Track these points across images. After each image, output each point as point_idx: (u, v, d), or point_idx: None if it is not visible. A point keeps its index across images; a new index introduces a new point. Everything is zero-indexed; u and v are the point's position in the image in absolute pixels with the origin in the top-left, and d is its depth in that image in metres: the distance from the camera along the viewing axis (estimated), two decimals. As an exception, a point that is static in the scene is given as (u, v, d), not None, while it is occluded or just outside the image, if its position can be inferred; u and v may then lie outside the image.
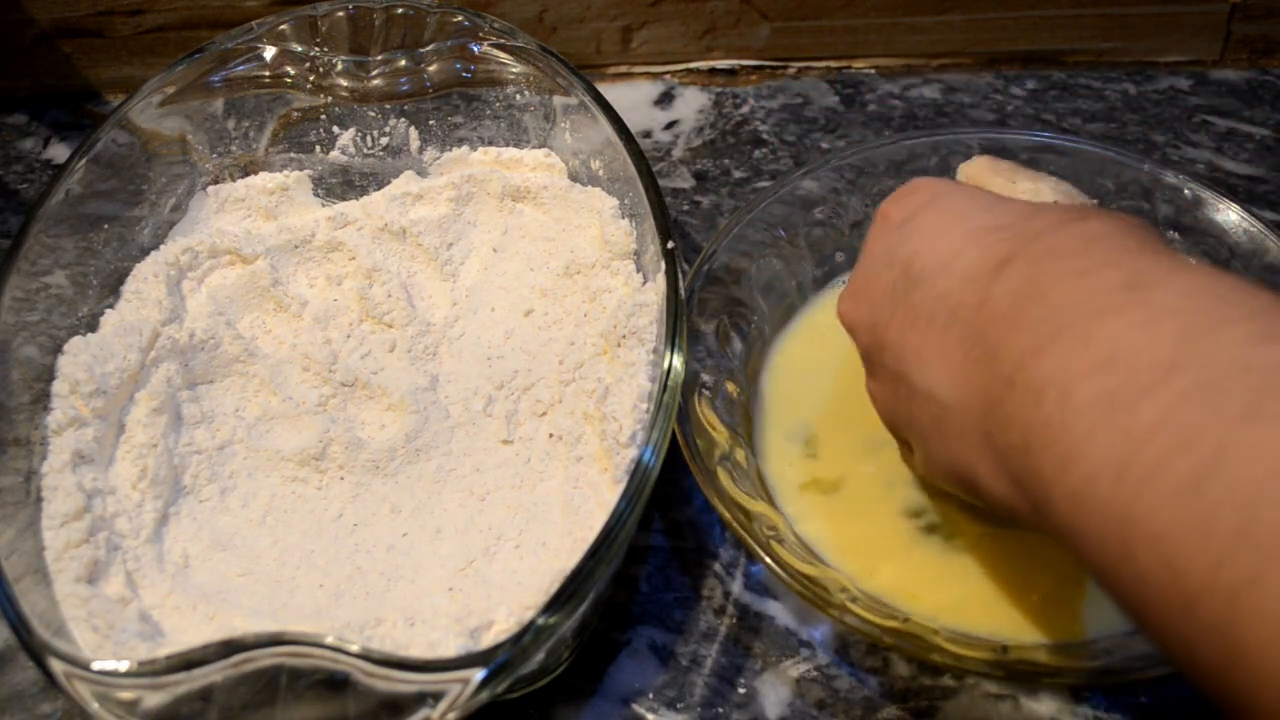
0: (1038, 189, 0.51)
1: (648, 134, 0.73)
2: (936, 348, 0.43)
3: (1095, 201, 0.54)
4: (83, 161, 0.59)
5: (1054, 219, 0.43)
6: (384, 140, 0.66)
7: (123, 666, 0.43)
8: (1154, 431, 0.34)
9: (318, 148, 0.66)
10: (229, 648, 0.43)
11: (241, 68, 0.63)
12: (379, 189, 0.65)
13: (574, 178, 0.63)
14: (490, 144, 0.65)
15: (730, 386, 0.57)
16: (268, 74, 0.64)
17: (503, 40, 0.63)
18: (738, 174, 0.70)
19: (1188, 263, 0.39)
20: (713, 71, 0.76)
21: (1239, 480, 0.31)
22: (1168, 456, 0.33)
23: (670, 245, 0.54)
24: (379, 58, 0.64)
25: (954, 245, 0.44)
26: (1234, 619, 0.31)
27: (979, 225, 0.44)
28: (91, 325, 0.57)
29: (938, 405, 0.43)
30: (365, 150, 0.66)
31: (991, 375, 0.40)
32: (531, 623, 0.44)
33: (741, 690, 0.51)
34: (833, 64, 0.76)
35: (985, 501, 0.43)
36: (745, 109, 0.74)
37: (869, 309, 0.48)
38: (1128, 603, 0.35)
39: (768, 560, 0.49)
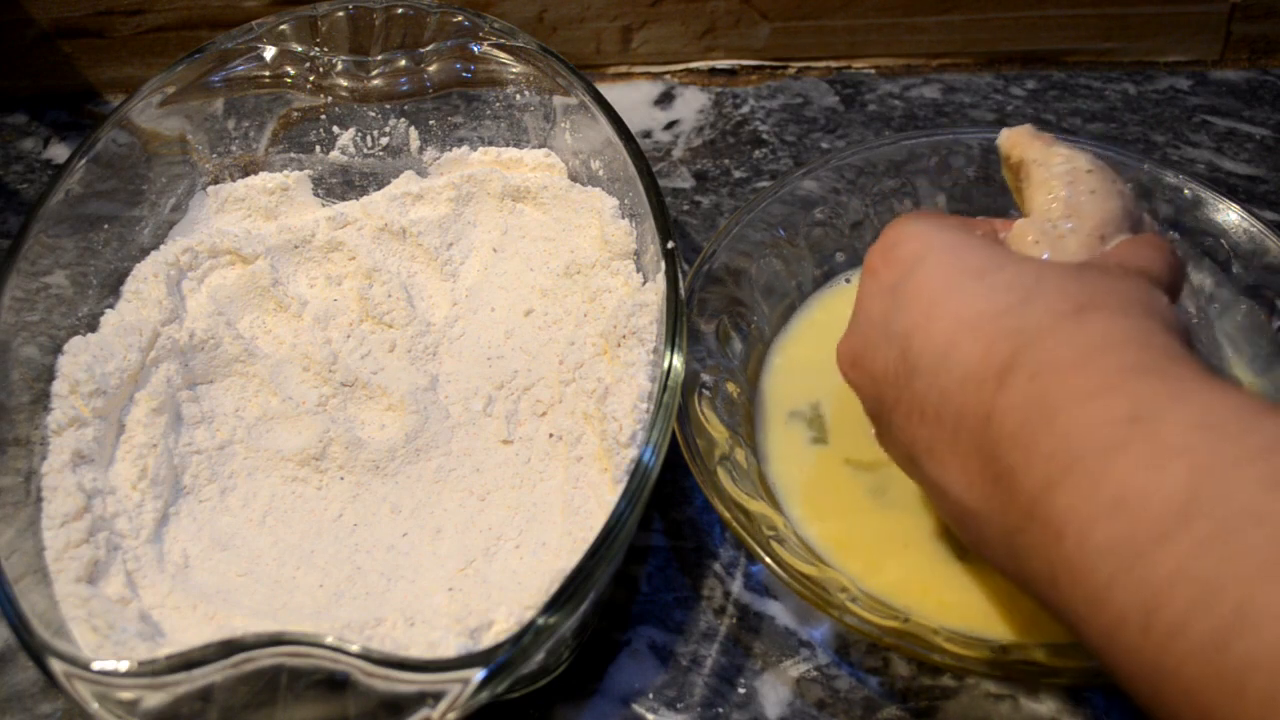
0: (1073, 158, 0.51)
1: (648, 134, 0.73)
2: (949, 451, 0.43)
3: (1130, 185, 0.53)
4: (83, 161, 0.59)
5: (1051, 310, 0.41)
6: (384, 140, 0.66)
7: (123, 666, 0.43)
8: (1173, 584, 0.34)
9: (318, 148, 0.66)
10: (229, 648, 0.43)
11: (241, 68, 0.63)
12: (379, 189, 0.65)
13: (574, 178, 0.63)
14: (490, 144, 0.65)
15: (730, 386, 0.57)
16: (268, 74, 0.64)
17: (503, 40, 0.63)
18: (738, 174, 0.70)
19: (1193, 376, 0.38)
20: (713, 71, 0.76)
21: (1263, 643, 0.31)
22: (1190, 612, 0.33)
23: (670, 245, 0.54)
24: (379, 58, 0.64)
25: (949, 333, 0.43)
26: None
27: (974, 309, 0.42)
28: (91, 325, 0.57)
29: (960, 507, 0.43)
30: (365, 150, 0.66)
31: (1010, 501, 0.40)
32: (531, 623, 0.44)
33: (741, 690, 0.51)
34: (833, 64, 0.76)
35: None
36: (745, 109, 0.74)
37: (870, 383, 0.47)
38: None
39: (768, 560, 0.49)
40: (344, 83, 0.65)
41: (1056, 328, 0.40)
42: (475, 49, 0.63)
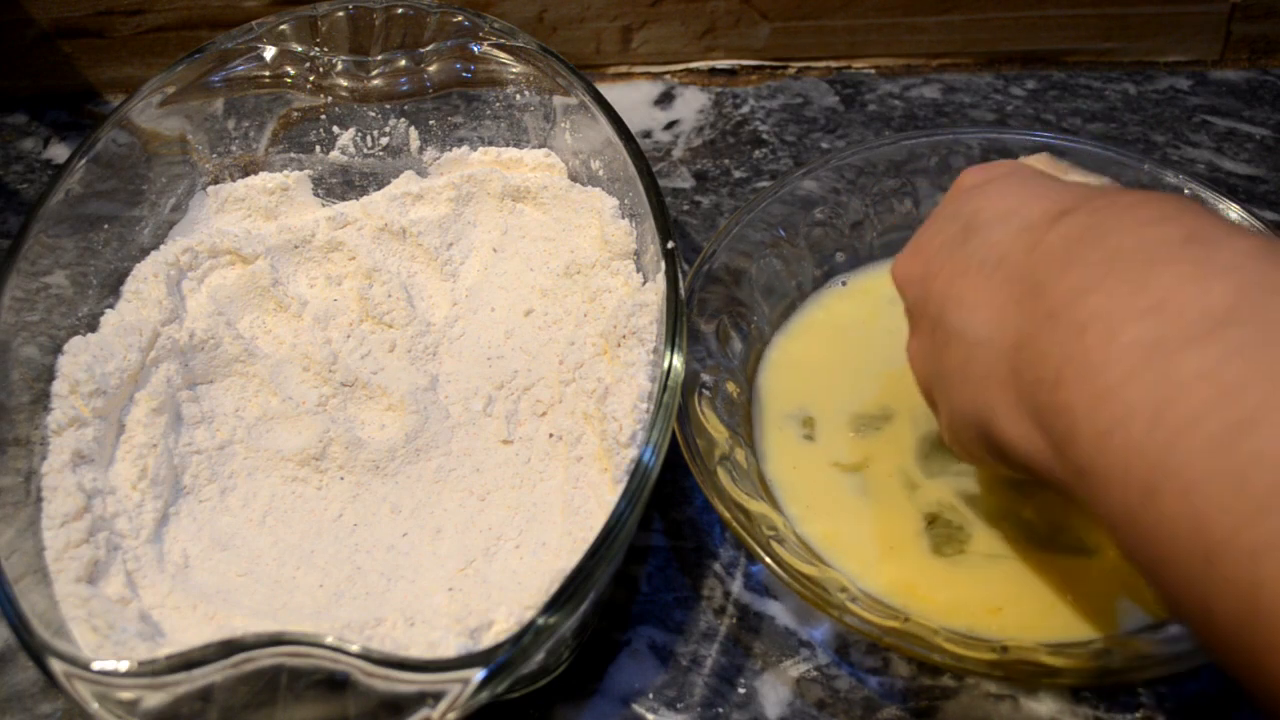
0: (1087, 184, 0.51)
1: (648, 134, 0.73)
2: (981, 290, 0.43)
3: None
4: (83, 161, 0.59)
5: (1118, 194, 0.42)
6: (384, 140, 0.66)
7: (123, 666, 0.43)
8: (1197, 381, 0.33)
9: (318, 148, 0.66)
10: (229, 648, 0.43)
11: (241, 68, 0.63)
12: (379, 189, 0.65)
13: (574, 178, 0.63)
14: (490, 144, 0.65)
15: (730, 386, 0.57)
16: (268, 74, 0.64)
17: (503, 40, 0.63)
18: (738, 174, 0.70)
19: (1250, 230, 0.39)
20: (713, 71, 0.76)
21: (1274, 440, 0.31)
22: (1207, 408, 0.33)
23: (670, 245, 0.54)
24: (379, 58, 0.64)
25: (1018, 202, 0.44)
26: (1256, 577, 0.31)
27: (1049, 188, 0.44)
28: (91, 325, 0.57)
29: (967, 344, 0.43)
30: (365, 150, 0.66)
31: (1031, 310, 0.40)
32: (531, 623, 0.44)
33: (741, 690, 0.51)
34: (833, 64, 0.76)
35: (1001, 448, 0.43)
36: (745, 109, 0.74)
37: (922, 262, 0.48)
38: (1143, 550, 0.35)
39: (768, 560, 0.49)
40: (344, 83, 0.65)
41: (1127, 192, 0.42)
42: (475, 49, 0.63)
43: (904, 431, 0.56)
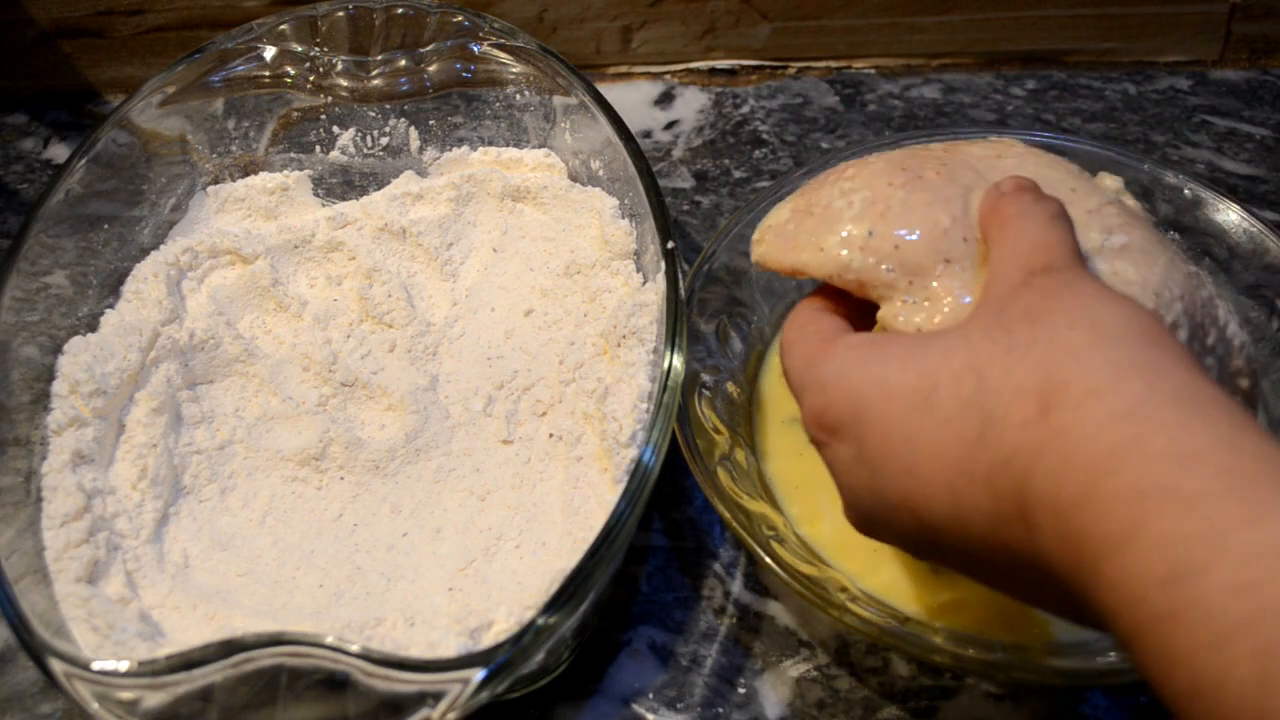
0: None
1: (648, 134, 0.73)
2: (1014, 587, 0.40)
3: (1153, 219, 0.51)
4: (83, 161, 0.59)
5: (1017, 423, 0.36)
6: (384, 140, 0.66)
7: (123, 666, 0.43)
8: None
9: (318, 148, 0.66)
10: (229, 648, 0.43)
11: (241, 68, 0.63)
12: (379, 189, 0.65)
13: (574, 178, 0.63)
14: (490, 144, 0.65)
15: (730, 386, 0.57)
16: (268, 74, 0.64)
17: (503, 40, 0.63)
18: (738, 174, 0.70)
19: (1207, 424, 0.34)
20: (713, 71, 0.76)
21: None
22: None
23: (670, 245, 0.54)
24: (379, 58, 0.64)
25: (946, 490, 0.38)
26: None
27: (948, 454, 0.38)
28: (91, 325, 0.57)
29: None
30: (365, 150, 0.66)
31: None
32: (531, 623, 0.44)
33: (741, 690, 0.51)
34: (833, 64, 0.76)
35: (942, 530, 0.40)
36: (745, 109, 0.74)
37: (901, 542, 0.43)
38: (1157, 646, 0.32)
39: (768, 560, 0.49)
40: (344, 83, 0.65)
41: (1039, 446, 0.36)
42: (475, 49, 0.63)
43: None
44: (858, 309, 0.47)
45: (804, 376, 0.44)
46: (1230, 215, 0.58)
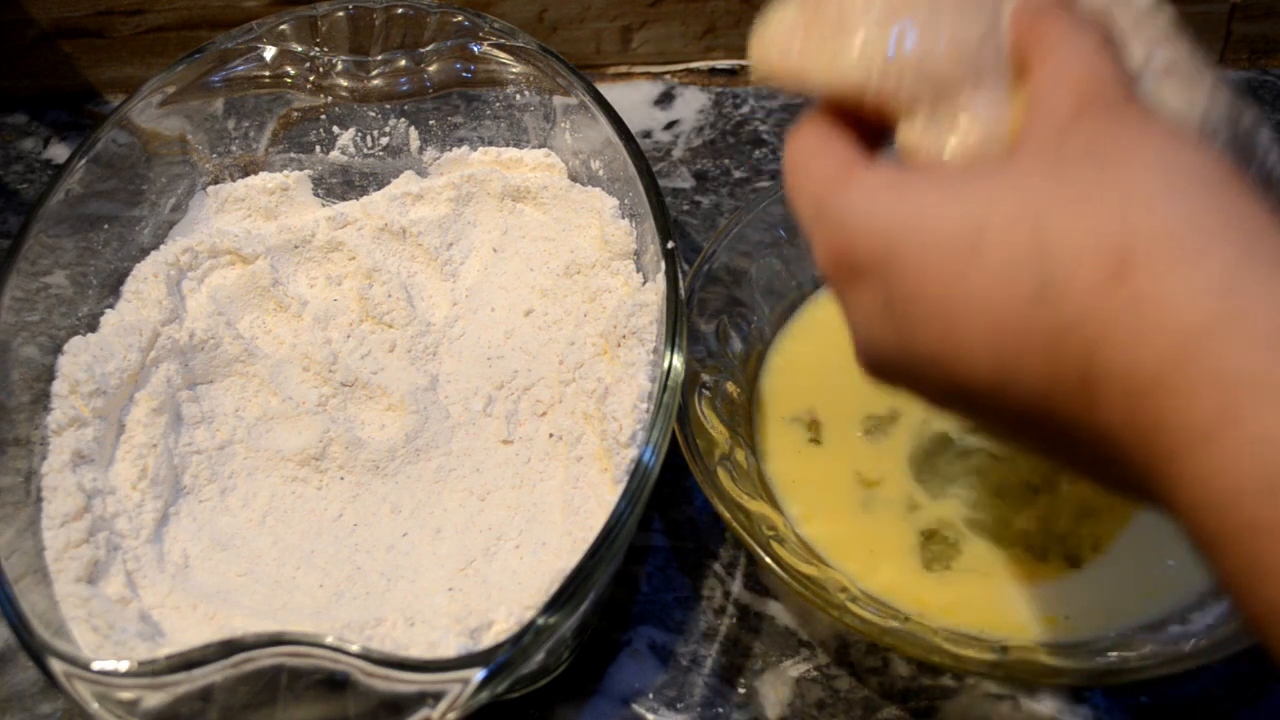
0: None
1: (648, 134, 0.73)
2: (1049, 447, 0.36)
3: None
4: (83, 161, 0.59)
5: (1088, 286, 0.32)
6: (384, 140, 0.66)
7: (123, 666, 0.43)
8: None
9: (318, 148, 0.66)
10: (229, 648, 0.43)
11: (241, 68, 0.63)
12: (379, 189, 0.65)
13: (574, 178, 0.63)
14: (490, 144, 0.65)
15: (730, 386, 0.57)
16: (268, 74, 0.64)
17: (503, 40, 0.63)
18: (738, 174, 0.70)
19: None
20: (713, 71, 0.76)
21: None
22: None
23: (670, 245, 0.54)
24: (379, 58, 0.64)
25: (992, 356, 0.34)
26: None
27: (998, 314, 0.33)
28: (91, 325, 0.57)
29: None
30: (365, 150, 0.66)
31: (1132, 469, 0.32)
32: (531, 623, 0.44)
33: (741, 690, 0.51)
34: (833, 64, 0.76)
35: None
36: (745, 109, 0.74)
37: (927, 399, 0.38)
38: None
39: (768, 560, 0.49)
40: (344, 83, 0.65)
41: (1111, 315, 0.31)
42: (475, 49, 0.63)
43: (913, 433, 0.56)
44: (867, 133, 0.40)
45: (817, 210, 0.38)
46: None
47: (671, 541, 0.56)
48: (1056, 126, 0.35)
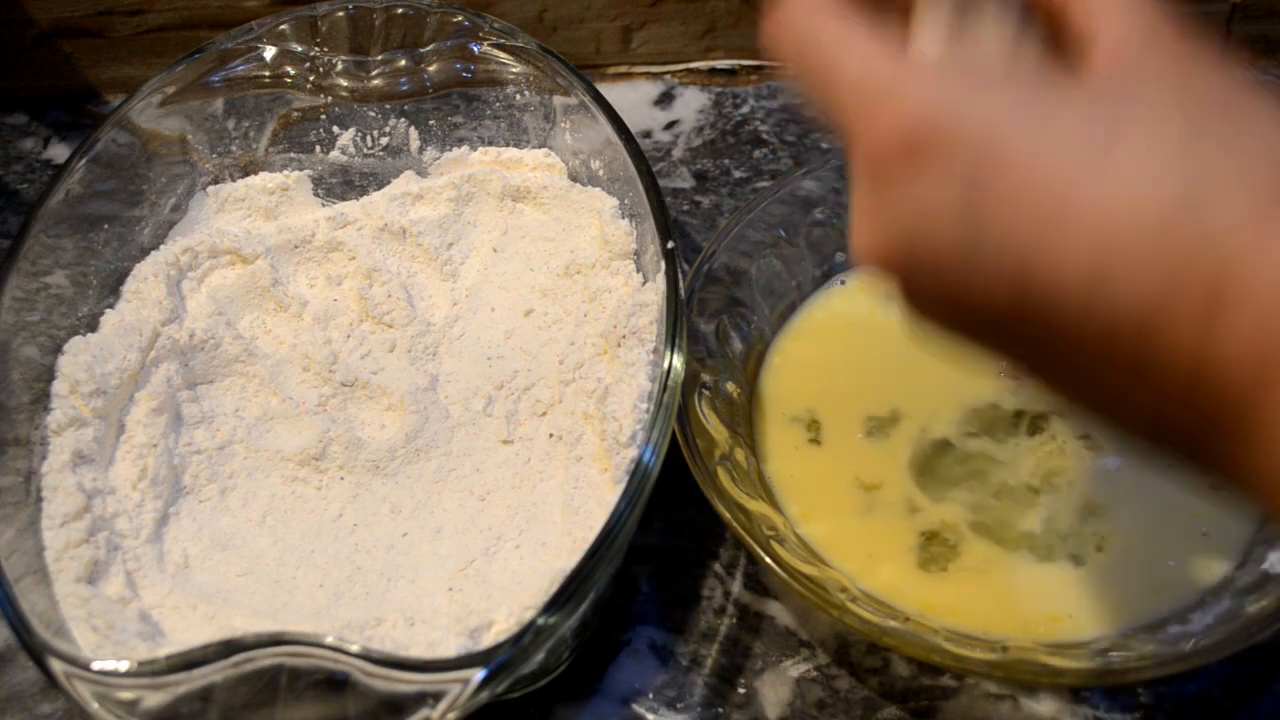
0: None
1: (648, 134, 0.73)
2: (1126, 393, 0.33)
3: None
4: (83, 161, 0.59)
5: (1245, 205, 0.31)
6: (384, 140, 0.66)
7: (123, 666, 0.43)
8: None
9: (318, 148, 0.66)
10: (229, 648, 0.43)
11: (241, 68, 0.63)
12: (379, 189, 0.65)
13: (574, 178, 0.63)
14: (490, 144, 0.65)
15: (730, 386, 0.57)
16: (268, 74, 0.64)
17: (503, 40, 0.63)
18: (738, 174, 0.70)
19: None
20: (713, 71, 0.76)
21: None
22: None
23: (670, 245, 0.54)
24: (379, 58, 0.64)
25: (1096, 255, 0.32)
26: None
27: (1121, 215, 0.31)
28: (91, 325, 0.57)
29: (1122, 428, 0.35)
30: (365, 150, 0.66)
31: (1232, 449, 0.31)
32: (531, 623, 0.44)
33: (741, 690, 0.51)
34: (833, 64, 0.76)
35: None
36: (745, 109, 0.74)
37: (951, 311, 0.35)
38: None
39: (768, 560, 0.49)
40: (344, 83, 0.65)
41: (1263, 241, 0.30)
42: (475, 49, 0.63)
43: (913, 437, 0.56)
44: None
45: (882, 84, 0.34)
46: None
47: (671, 541, 0.56)
48: (1157, 64, 0.33)
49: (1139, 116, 0.32)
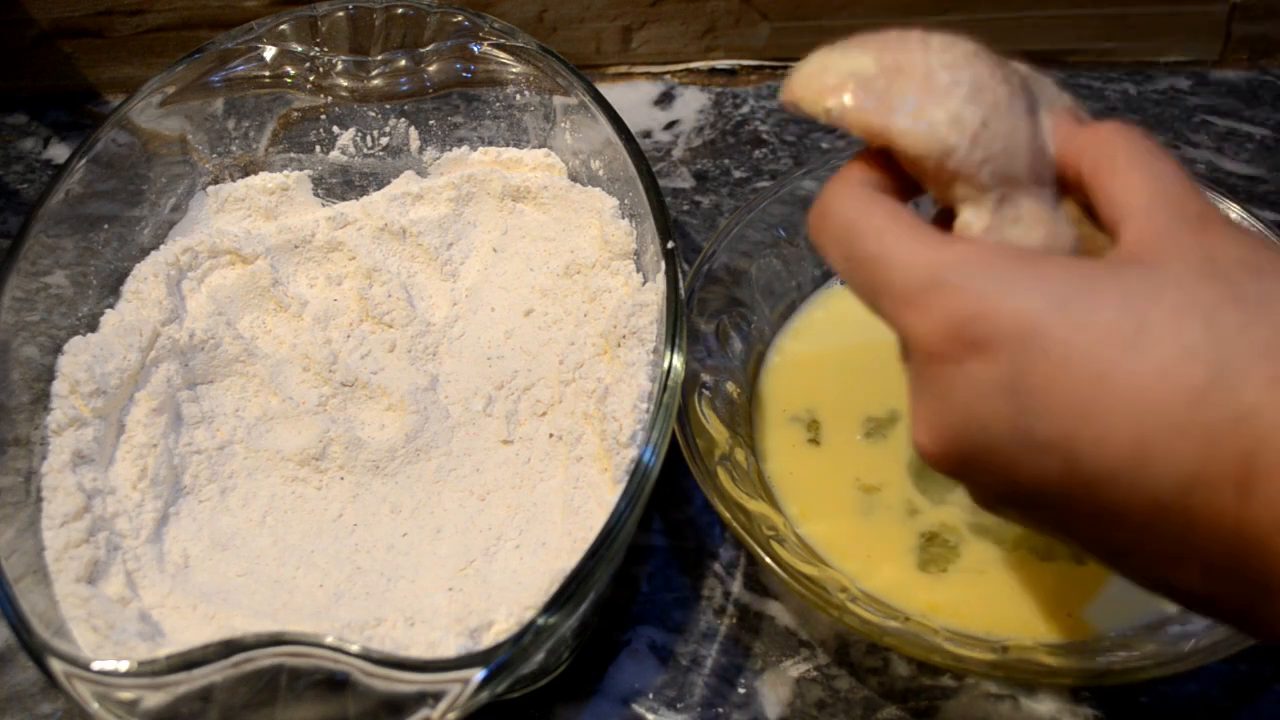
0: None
1: (648, 134, 0.73)
2: (1170, 556, 0.35)
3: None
4: (83, 161, 0.59)
5: (1263, 380, 0.33)
6: (384, 140, 0.66)
7: (123, 666, 0.43)
8: None
9: (318, 148, 0.66)
10: (229, 648, 0.43)
11: (241, 68, 0.63)
12: (379, 189, 0.65)
13: (574, 178, 0.63)
14: (490, 144, 0.65)
15: (730, 386, 0.57)
16: (268, 74, 0.64)
17: (503, 40, 0.63)
18: (738, 174, 0.70)
19: None
20: (713, 71, 0.76)
21: None
22: None
23: (670, 245, 0.54)
24: (379, 58, 0.64)
25: (1137, 436, 0.33)
26: None
27: (1155, 401, 0.33)
28: (91, 325, 0.57)
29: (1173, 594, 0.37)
30: (365, 150, 0.66)
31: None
32: (531, 623, 0.44)
33: (741, 690, 0.51)
34: (833, 64, 0.76)
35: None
36: (745, 109, 0.74)
37: (1011, 489, 0.37)
38: None
39: (768, 560, 0.49)
40: (344, 83, 0.65)
41: None
42: (475, 49, 0.63)
43: (911, 439, 0.56)
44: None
45: (931, 276, 0.36)
46: (1230, 215, 0.58)
47: (671, 541, 0.56)
48: (1185, 235, 0.35)
49: (1168, 298, 0.34)
